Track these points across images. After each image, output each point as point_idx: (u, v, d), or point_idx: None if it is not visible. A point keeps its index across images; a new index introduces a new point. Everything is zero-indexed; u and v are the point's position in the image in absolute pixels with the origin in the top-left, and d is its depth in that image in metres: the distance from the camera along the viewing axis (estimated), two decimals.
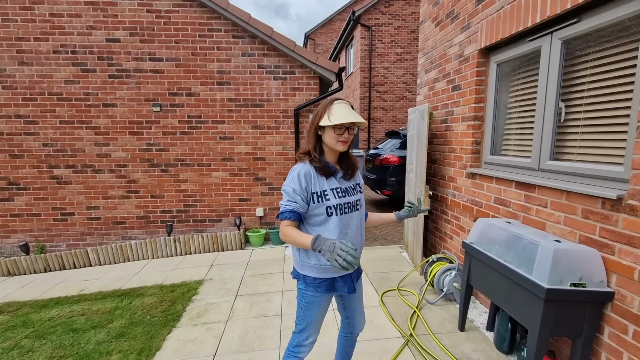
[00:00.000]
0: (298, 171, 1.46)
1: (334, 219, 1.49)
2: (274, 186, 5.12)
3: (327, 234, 1.47)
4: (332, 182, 1.52)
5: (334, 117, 1.43)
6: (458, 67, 3.26)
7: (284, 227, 1.44)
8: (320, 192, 1.47)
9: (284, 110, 4.97)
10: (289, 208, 1.44)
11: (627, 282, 1.69)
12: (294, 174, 1.47)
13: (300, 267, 1.57)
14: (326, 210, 1.48)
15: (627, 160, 1.74)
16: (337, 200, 1.50)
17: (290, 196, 1.44)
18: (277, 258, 4.35)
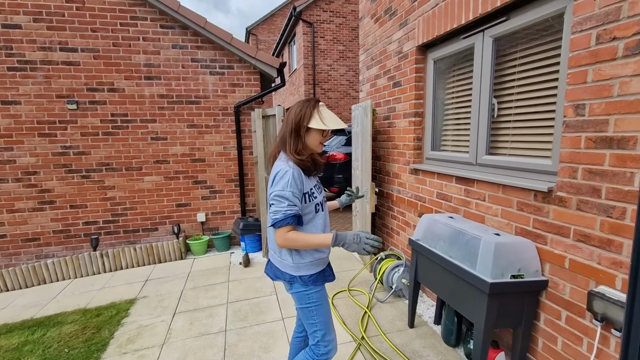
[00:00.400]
0: (292, 173, 1.43)
1: (320, 215, 1.57)
2: (216, 189, 4.79)
3: (314, 230, 1.54)
4: (311, 181, 1.57)
5: (328, 121, 1.47)
6: (398, 63, 3.28)
7: (287, 233, 1.43)
8: (309, 191, 1.52)
9: (223, 107, 4.65)
10: (291, 213, 1.42)
11: (559, 270, 1.77)
12: (287, 177, 1.42)
13: (296, 270, 1.55)
14: (315, 207, 1.54)
15: (555, 153, 1.83)
16: (319, 197, 1.59)
17: (290, 201, 1.42)
18: (221, 266, 4.06)
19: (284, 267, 1.57)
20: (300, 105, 1.50)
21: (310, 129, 1.48)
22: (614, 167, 1.48)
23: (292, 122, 1.48)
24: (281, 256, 1.56)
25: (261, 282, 3.52)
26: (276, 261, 1.60)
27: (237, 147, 4.71)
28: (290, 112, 1.53)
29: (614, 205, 1.49)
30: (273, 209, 1.44)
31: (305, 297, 1.57)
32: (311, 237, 1.43)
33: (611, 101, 1.48)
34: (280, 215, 1.41)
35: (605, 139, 1.52)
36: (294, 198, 1.42)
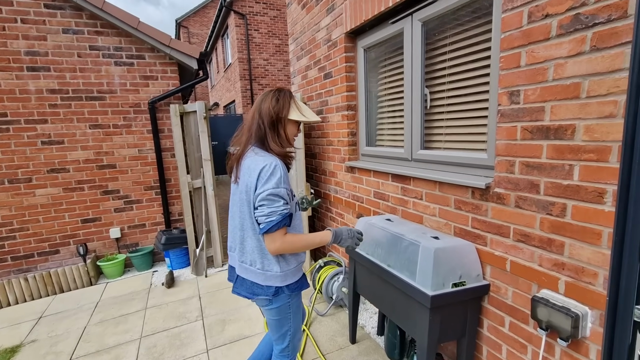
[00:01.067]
0: (281, 168, 1.32)
1: (299, 214, 1.49)
2: (132, 199, 4.13)
3: (298, 231, 1.46)
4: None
5: (305, 112, 1.41)
6: (327, 52, 3.01)
7: (282, 236, 1.31)
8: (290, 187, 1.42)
9: (135, 104, 4.01)
10: (287, 212, 1.31)
11: (500, 273, 1.63)
12: (278, 172, 1.30)
13: (283, 279, 1.42)
14: (296, 205, 1.47)
15: (490, 146, 1.68)
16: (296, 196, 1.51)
17: (285, 199, 1.31)
18: (139, 290, 3.48)
19: (267, 279, 1.40)
20: (276, 95, 1.40)
21: (288, 122, 1.40)
22: (552, 159, 1.34)
23: (268, 114, 1.36)
24: (264, 267, 1.40)
25: (185, 306, 3.04)
26: (255, 275, 1.42)
27: (155, 149, 4.10)
28: (262, 103, 1.39)
29: (554, 201, 1.36)
30: (266, 210, 1.28)
31: (286, 307, 1.47)
32: (310, 237, 1.36)
33: (546, 86, 1.33)
34: (277, 217, 1.28)
35: (541, 128, 1.37)
36: (287, 196, 1.33)
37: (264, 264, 1.39)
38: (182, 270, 3.90)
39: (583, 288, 1.29)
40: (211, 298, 3.16)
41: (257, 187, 1.30)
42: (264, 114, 1.37)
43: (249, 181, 1.32)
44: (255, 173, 1.30)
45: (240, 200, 1.39)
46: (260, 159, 1.32)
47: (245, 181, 1.34)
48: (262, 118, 1.37)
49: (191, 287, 3.41)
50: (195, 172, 3.83)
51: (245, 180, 1.34)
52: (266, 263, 1.39)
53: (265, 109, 1.37)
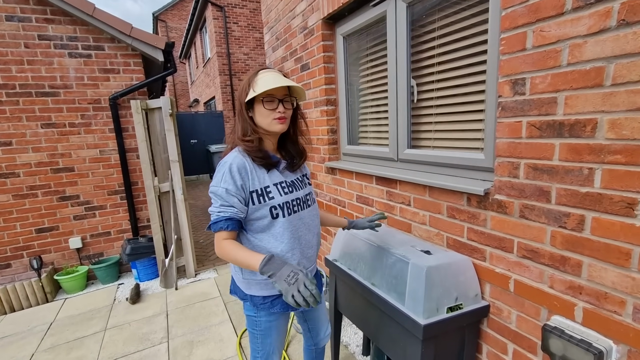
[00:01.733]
0: (229, 165, 1.16)
1: (281, 222, 1.23)
2: (94, 204, 3.75)
3: (274, 242, 1.22)
4: (275, 176, 1.26)
5: (258, 86, 1.17)
6: (304, 41, 2.72)
7: (221, 241, 1.16)
8: (261, 189, 1.21)
9: (95, 100, 3.62)
10: (223, 215, 1.15)
11: (502, 294, 1.40)
12: (222, 169, 1.17)
13: (247, 287, 1.30)
14: (270, 211, 1.21)
15: (488, 145, 1.44)
16: (283, 197, 1.24)
17: (224, 199, 1.16)
18: (101, 306, 3.13)
19: (237, 281, 1.34)
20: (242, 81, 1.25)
21: (253, 106, 1.21)
22: (567, 161, 1.11)
23: (237, 103, 1.25)
24: (233, 268, 1.35)
25: (150, 325, 2.73)
26: (232, 272, 1.38)
27: (118, 149, 3.72)
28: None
29: (568, 212, 1.13)
30: (210, 207, 1.19)
31: (251, 321, 1.35)
32: (241, 253, 1.11)
33: (559, 72, 1.09)
34: (213, 217, 1.17)
35: (553, 124, 1.13)
36: (228, 197, 1.15)
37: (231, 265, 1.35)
38: (150, 283, 3.57)
39: (606, 317, 1.06)
40: (180, 315, 2.85)
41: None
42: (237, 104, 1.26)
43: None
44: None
45: None
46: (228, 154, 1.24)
47: None
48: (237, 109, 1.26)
49: (158, 303, 3.09)
50: (162, 175, 3.49)
51: None
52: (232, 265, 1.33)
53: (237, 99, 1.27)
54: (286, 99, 1.21)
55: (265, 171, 1.24)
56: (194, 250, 3.63)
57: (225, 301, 3.02)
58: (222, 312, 2.83)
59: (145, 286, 3.49)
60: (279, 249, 1.23)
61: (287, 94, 1.23)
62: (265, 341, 1.35)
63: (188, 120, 10.24)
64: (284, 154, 1.34)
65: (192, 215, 6.32)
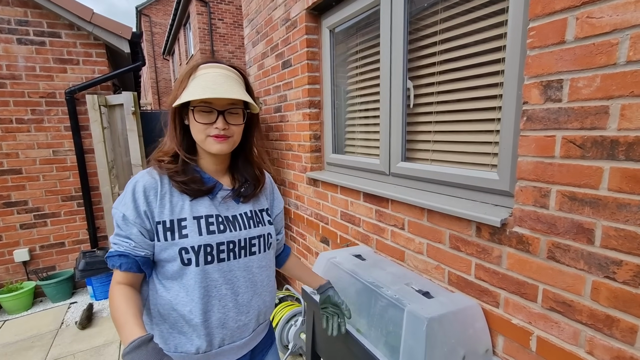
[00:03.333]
0: (134, 184, 0.88)
1: (192, 272, 0.88)
2: (46, 212, 3.32)
3: (185, 297, 0.88)
4: (202, 206, 0.92)
5: (188, 90, 0.86)
6: (286, 35, 2.41)
7: (112, 285, 0.86)
8: (171, 221, 0.88)
9: (49, 93, 3.20)
10: (117, 250, 0.86)
11: (520, 351, 1.11)
12: (127, 188, 0.88)
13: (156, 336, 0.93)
14: (180, 254, 0.87)
15: (504, 163, 1.16)
16: (203, 237, 0.88)
17: (120, 228, 0.87)
18: (44, 332, 2.71)
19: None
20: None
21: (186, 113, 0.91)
22: (620, 192, 0.83)
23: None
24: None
25: (99, 358, 2.34)
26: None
27: (75, 150, 3.30)
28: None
29: (619, 259, 0.85)
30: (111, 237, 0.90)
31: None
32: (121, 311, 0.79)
33: (614, 73, 0.82)
34: (110, 252, 0.87)
35: (602, 141, 0.85)
36: (127, 225, 0.86)
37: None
38: (107, 302, 3.15)
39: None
40: None
41: None
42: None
43: None
44: None
45: None
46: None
47: None
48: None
49: (113, 328, 2.70)
50: (124, 181, 3.10)
51: None
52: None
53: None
54: (232, 109, 0.89)
55: (188, 197, 0.91)
56: None
57: None
58: None
59: (101, 306, 3.08)
60: (187, 308, 0.88)
61: (234, 103, 0.90)
62: None
63: None
64: (237, 177, 1.02)
65: None
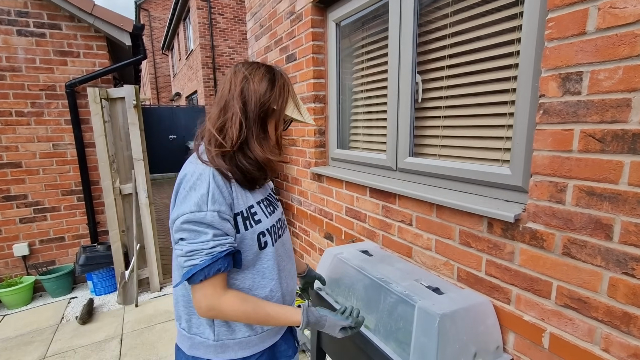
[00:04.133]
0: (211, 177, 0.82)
1: (270, 253, 0.93)
2: (46, 206, 3.29)
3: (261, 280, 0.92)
4: (256, 192, 0.96)
5: (304, 110, 0.97)
6: (290, 28, 2.38)
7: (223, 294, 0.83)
8: (246, 210, 0.89)
9: (49, 86, 3.16)
10: (220, 251, 0.80)
11: (532, 348, 1.10)
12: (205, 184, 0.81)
13: (219, 351, 0.90)
14: (258, 240, 0.90)
15: (518, 157, 1.14)
16: (269, 219, 0.95)
17: (216, 227, 0.80)
18: (44, 327, 2.69)
19: (193, 347, 0.92)
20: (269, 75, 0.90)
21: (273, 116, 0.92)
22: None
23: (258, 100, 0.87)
24: (191, 327, 0.93)
25: (99, 354, 2.32)
26: (180, 337, 0.96)
27: (76, 144, 3.27)
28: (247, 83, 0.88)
29: (639, 255, 0.83)
30: (185, 247, 0.80)
31: None
32: (267, 309, 0.86)
33: (638, 64, 0.80)
34: (202, 259, 0.79)
35: (623, 135, 0.84)
36: (222, 222, 0.82)
37: (191, 322, 0.93)
38: (108, 297, 3.14)
39: None
40: (136, 339, 2.45)
41: (172, 209, 0.85)
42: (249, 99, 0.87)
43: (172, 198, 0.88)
44: (177, 184, 0.87)
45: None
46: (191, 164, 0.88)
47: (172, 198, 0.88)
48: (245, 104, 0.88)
49: (113, 323, 2.68)
50: (125, 175, 3.07)
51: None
52: (194, 322, 0.92)
53: (253, 93, 0.88)
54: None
55: (242, 188, 0.92)
56: (160, 261, 3.22)
57: None
58: None
59: (102, 301, 3.06)
60: (267, 289, 0.94)
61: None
62: None
63: (167, 114, 9.69)
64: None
65: (166, 217, 5.86)
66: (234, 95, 0.88)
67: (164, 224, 5.43)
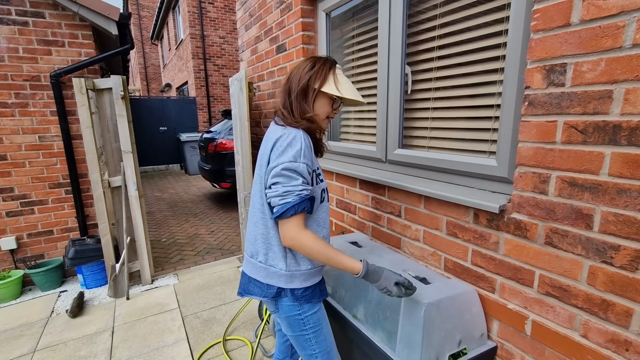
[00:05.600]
0: (302, 139, 1.06)
1: (324, 206, 1.19)
2: (33, 199, 3.23)
3: (317, 227, 1.15)
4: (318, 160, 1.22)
5: (344, 88, 1.12)
6: (280, 18, 2.35)
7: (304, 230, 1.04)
8: (318, 168, 1.16)
9: (33, 76, 3.08)
10: (307, 195, 1.04)
11: (515, 335, 1.13)
12: (298, 143, 1.04)
13: (288, 281, 1.12)
14: (321, 194, 1.16)
15: (503, 149, 1.15)
16: (324, 182, 1.20)
17: (304, 177, 1.04)
18: (34, 320, 2.67)
19: (268, 276, 1.13)
20: (312, 62, 1.14)
21: (320, 94, 1.13)
22: (621, 177, 0.83)
23: (298, 81, 1.12)
24: (267, 260, 1.13)
25: (90, 346, 2.31)
26: (256, 269, 1.16)
27: (62, 135, 3.21)
28: (297, 70, 1.15)
29: (617, 244, 0.85)
30: (280, 189, 1.02)
31: (299, 323, 1.15)
32: (335, 251, 1.05)
33: (619, 56, 0.81)
34: (293, 198, 1.01)
35: (604, 126, 0.85)
36: (308, 175, 1.06)
37: (267, 256, 1.13)
38: (98, 290, 3.12)
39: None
40: (128, 332, 2.45)
41: (270, 160, 1.07)
42: (295, 81, 1.13)
43: (263, 152, 1.10)
44: (270, 143, 1.08)
45: (257, 176, 1.14)
46: (278, 128, 1.10)
47: (261, 152, 1.12)
48: (292, 84, 1.14)
49: (104, 316, 2.67)
50: (114, 167, 3.03)
51: (260, 152, 1.13)
52: (271, 256, 1.13)
53: (298, 75, 1.14)
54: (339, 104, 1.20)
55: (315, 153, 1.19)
56: (150, 253, 3.21)
57: (183, 314, 2.64)
58: (179, 328, 2.46)
59: (92, 295, 3.04)
60: (321, 234, 1.16)
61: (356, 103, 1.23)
62: (319, 337, 1.18)
63: (157, 105, 9.55)
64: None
65: (157, 209, 5.82)
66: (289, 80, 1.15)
67: (154, 216, 5.39)
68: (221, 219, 5.16)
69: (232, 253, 3.87)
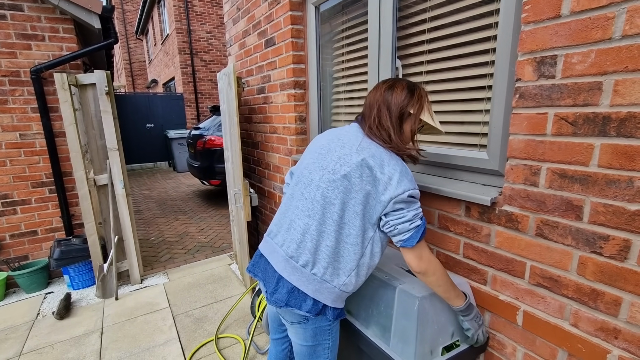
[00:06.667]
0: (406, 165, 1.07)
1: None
2: (15, 199, 3.13)
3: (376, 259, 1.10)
4: None
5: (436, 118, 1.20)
6: (268, 11, 2.31)
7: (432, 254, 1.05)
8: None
9: (12, 72, 2.97)
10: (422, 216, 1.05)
11: (507, 326, 1.14)
12: (407, 168, 1.05)
13: (336, 299, 1.07)
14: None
15: (494, 141, 1.16)
16: None
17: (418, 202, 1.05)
18: (19, 323, 2.60)
19: (319, 291, 1.05)
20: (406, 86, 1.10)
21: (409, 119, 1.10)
22: (610, 168, 0.84)
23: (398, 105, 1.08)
24: (325, 274, 1.05)
25: (79, 348, 2.27)
26: (305, 280, 1.05)
27: (45, 133, 3.11)
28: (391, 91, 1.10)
29: (607, 234, 0.86)
30: (407, 214, 1.01)
31: (325, 332, 1.13)
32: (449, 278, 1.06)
33: (609, 48, 0.81)
34: (420, 222, 1.02)
35: (594, 118, 0.86)
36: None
37: (327, 270, 1.05)
38: (86, 291, 3.05)
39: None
40: (117, 333, 2.41)
41: (387, 186, 1.00)
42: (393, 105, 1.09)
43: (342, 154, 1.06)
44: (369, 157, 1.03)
45: (330, 182, 1.05)
46: (382, 149, 1.06)
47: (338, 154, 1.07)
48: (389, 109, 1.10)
49: (93, 317, 2.62)
50: (99, 165, 2.96)
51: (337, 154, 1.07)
52: (330, 271, 1.05)
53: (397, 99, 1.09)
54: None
55: None
56: (139, 252, 3.15)
57: (174, 313, 2.60)
58: (170, 328, 2.43)
59: (80, 296, 2.97)
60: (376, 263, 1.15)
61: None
62: (334, 347, 1.20)
63: (143, 101, 9.36)
64: None
65: (146, 208, 5.72)
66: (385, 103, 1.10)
67: (143, 215, 5.30)
68: (211, 217, 5.10)
69: (223, 250, 3.83)
